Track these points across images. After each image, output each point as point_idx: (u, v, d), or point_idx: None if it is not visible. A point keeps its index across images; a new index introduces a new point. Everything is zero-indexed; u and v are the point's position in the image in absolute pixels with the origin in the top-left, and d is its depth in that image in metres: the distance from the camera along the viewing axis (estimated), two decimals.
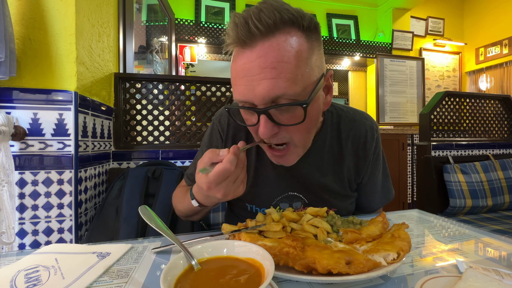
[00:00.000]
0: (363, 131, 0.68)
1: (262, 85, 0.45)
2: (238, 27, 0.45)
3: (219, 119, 0.71)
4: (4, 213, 0.79)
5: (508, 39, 3.80)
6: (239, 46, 0.47)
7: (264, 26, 0.44)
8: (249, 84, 0.46)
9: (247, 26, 0.45)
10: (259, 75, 0.45)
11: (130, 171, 1.04)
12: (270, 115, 0.48)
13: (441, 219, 0.66)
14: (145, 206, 0.50)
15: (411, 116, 3.41)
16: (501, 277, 0.35)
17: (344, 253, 0.38)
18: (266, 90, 0.45)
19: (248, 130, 0.69)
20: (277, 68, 0.45)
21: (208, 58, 3.38)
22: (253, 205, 0.69)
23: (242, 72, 0.47)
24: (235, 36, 0.46)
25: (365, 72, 4.02)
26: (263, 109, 0.47)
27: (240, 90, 0.48)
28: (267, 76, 0.45)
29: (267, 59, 0.45)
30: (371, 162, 0.70)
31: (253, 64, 0.46)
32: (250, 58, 0.46)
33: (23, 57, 0.88)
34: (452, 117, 1.85)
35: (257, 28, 0.44)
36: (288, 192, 0.67)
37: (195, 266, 0.34)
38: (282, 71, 0.45)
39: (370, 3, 3.87)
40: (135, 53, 1.63)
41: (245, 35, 0.45)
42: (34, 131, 0.89)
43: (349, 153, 0.68)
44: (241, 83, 0.48)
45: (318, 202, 0.67)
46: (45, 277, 0.38)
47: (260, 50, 0.45)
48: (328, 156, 0.67)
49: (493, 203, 1.60)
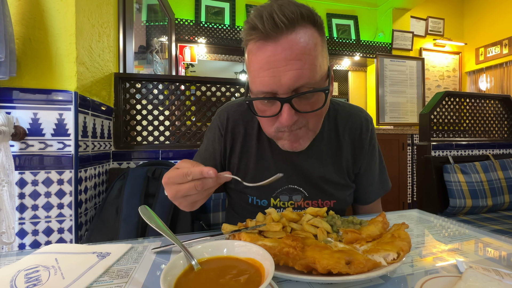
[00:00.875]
0: (358, 123, 0.72)
1: (289, 76, 0.48)
2: (264, 20, 0.48)
3: (219, 115, 0.74)
4: (4, 213, 0.79)
5: (508, 39, 3.80)
6: (263, 39, 0.50)
7: (288, 20, 0.47)
8: (275, 75, 0.49)
9: (272, 20, 0.47)
10: (285, 66, 0.48)
11: (130, 171, 1.04)
12: (292, 104, 0.51)
13: (441, 219, 0.66)
14: (145, 206, 0.50)
15: (411, 116, 3.41)
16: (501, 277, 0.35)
17: (344, 253, 0.38)
18: (293, 80, 0.49)
19: (246, 125, 0.71)
20: (301, 60, 0.48)
21: (208, 58, 3.38)
22: (254, 196, 0.70)
23: (267, 64, 0.49)
24: (261, 28, 0.48)
25: (365, 72, 4.02)
26: (287, 98, 0.50)
27: (265, 81, 0.50)
28: (293, 67, 0.48)
29: (292, 51, 0.48)
30: (367, 152, 0.73)
31: (279, 57, 0.48)
32: (275, 51, 0.49)
33: (23, 57, 0.88)
34: (452, 117, 1.85)
35: (282, 21, 0.47)
36: (288, 185, 0.69)
37: (195, 266, 0.34)
38: (306, 62, 0.49)
39: (370, 3, 3.87)
40: (135, 53, 1.63)
41: (271, 28, 0.47)
42: (34, 131, 0.89)
43: (347, 144, 0.71)
44: (266, 75, 0.50)
45: (318, 194, 0.69)
46: (45, 277, 0.38)
47: (284, 43, 0.48)
48: (326, 148, 0.70)
49: (493, 203, 1.60)
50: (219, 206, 1.14)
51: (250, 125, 0.71)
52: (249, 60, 0.54)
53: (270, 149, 0.70)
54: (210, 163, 0.72)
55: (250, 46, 0.52)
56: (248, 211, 0.73)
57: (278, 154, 0.69)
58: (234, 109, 0.73)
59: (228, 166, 0.73)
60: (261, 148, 0.70)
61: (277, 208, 0.69)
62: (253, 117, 0.71)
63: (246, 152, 0.71)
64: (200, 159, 0.75)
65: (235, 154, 0.71)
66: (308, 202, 0.69)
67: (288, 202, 0.69)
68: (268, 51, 0.49)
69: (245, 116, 0.72)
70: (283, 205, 0.69)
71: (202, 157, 0.75)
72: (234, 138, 0.71)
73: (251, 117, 0.72)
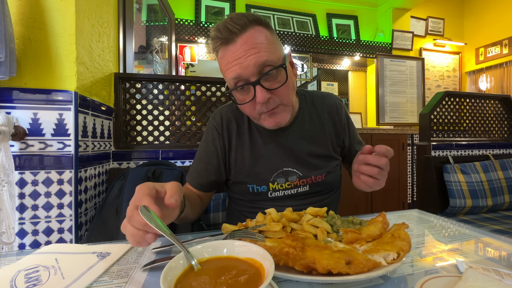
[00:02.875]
0: (333, 102, 0.85)
1: (249, 60, 0.61)
2: (221, 30, 0.61)
3: (213, 117, 0.83)
4: (4, 213, 0.79)
5: (508, 39, 3.80)
6: (225, 44, 0.63)
7: (239, 24, 0.61)
8: (240, 63, 0.61)
9: (227, 28, 0.61)
10: (245, 55, 0.61)
11: (130, 171, 1.04)
12: (262, 84, 0.62)
13: (441, 219, 0.66)
14: (144, 206, 0.49)
15: (411, 116, 3.41)
16: (501, 277, 0.35)
17: (344, 253, 0.38)
18: (254, 61, 0.61)
19: (237, 121, 0.81)
20: (256, 47, 0.61)
21: (208, 58, 3.38)
22: (253, 184, 0.77)
23: (233, 59, 0.62)
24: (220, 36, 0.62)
25: (365, 72, 4.02)
26: (256, 80, 0.62)
27: (234, 70, 0.62)
28: (251, 53, 0.61)
29: (248, 44, 0.61)
30: (346, 126, 0.85)
31: (239, 51, 0.61)
32: (236, 48, 0.61)
33: (23, 57, 0.88)
34: (452, 117, 1.85)
35: (234, 27, 0.61)
36: (283, 168, 0.77)
37: (195, 266, 0.34)
38: (261, 48, 0.61)
39: (370, 3, 3.87)
40: (135, 53, 1.63)
41: (228, 34, 0.61)
42: (34, 131, 0.89)
43: (327, 121, 0.82)
44: (233, 66, 0.62)
45: (310, 170, 0.77)
46: (45, 277, 0.38)
47: (241, 41, 0.61)
48: (310, 127, 0.80)
49: (493, 203, 1.60)
50: (219, 206, 1.14)
51: (241, 120, 0.81)
52: (220, 63, 0.66)
53: (261, 138, 0.78)
54: (214, 161, 0.79)
55: (218, 53, 0.66)
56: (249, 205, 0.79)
57: (269, 142, 0.78)
58: (225, 109, 0.83)
59: (228, 161, 0.80)
60: (253, 138, 0.79)
61: (276, 191, 0.77)
62: (242, 114, 0.81)
63: (240, 144, 0.79)
64: (203, 162, 0.80)
65: (232, 148, 0.79)
66: (303, 181, 0.77)
67: (285, 183, 0.77)
68: (230, 50, 0.62)
69: (236, 114, 0.81)
70: (281, 187, 0.77)
71: (204, 159, 0.80)
72: (230, 134, 0.80)
73: (241, 113, 0.81)
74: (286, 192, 0.77)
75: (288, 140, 0.78)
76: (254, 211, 0.73)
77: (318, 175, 0.78)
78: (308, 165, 0.78)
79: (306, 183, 0.77)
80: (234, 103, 0.72)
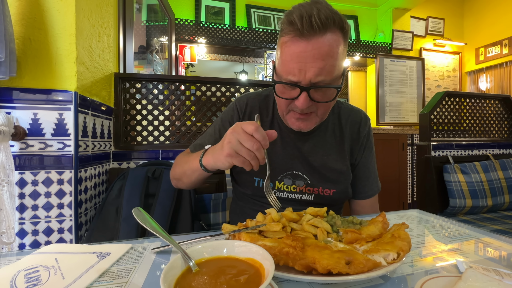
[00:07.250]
0: (358, 118, 0.82)
1: (312, 71, 0.59)
2: (303, 19, 0.56)
3: (238, 100, 0.83)
4: (4, 213, 0.79)
5: (508, 39, 3.80)
6: (298, 36, 0.58)
7: (322, 23, 0.56)
8: (301, 69, 0.59)
9: (310, 21, 0.56)
10: (311, 63, 0.58)
11: (130, 171, 1.04)
12: (309, 93, 0.61)
13: (441, 219, 0.66)
14: (138, 208, 0.49)
15: (411, 116, 3.41)
16: (501, 277, 0.35)
17: (344, 253, 0.38)
18: (314, 76, 0.59)
19: (261, 112, 0.80)
20: (325, 60, 0.58)
21: (208, 58, 3.39)
22: (260, 178, 0.76)
23: (297, 58, 0.59)
24: (299, 26, 0.57)
25: (365, 72, 4.02)
26: (307, 88, 0.61)
27: (293, 71, 0.60)
28: (317, 65, 0.58)
29: (320, 51, 0.58)
30: (363, 146, 0.82)
31: (308, 54, 0.58)
32: (306, 48, 0.58)
33: (23, 57, 0.88)
34: (452, 117, 1.85)
35: (317, 24, 0.56)
36: (292, 171, 0.76)
37: (193, 267, 0.34)
38: (328, 63, 0.59)
39: (370, 3, 3.87)
40: (135, 53, 1.63)
41: (307, 28, 0.56)
42: (34, 131, 0.89)
43: (348, 137, 0.80)
44: (295, 67, 0.60)
45: (320, 181, 0.75)
46: (45, 277, 0.38)
47: (315, 43, 0.57)
48: (330, 138, 0.79)
49: (493, 203, 1.60)
50: (219, 206, 1.14)
51: (265, 113, 0.80)
52: (281, 49, 0.62)
53: (281, 136, 0.77)
54: None
55: (285, 37, 0.61)
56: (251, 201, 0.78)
57: (287, 142, 0.77)
58: (253, 97, 0.82)
59: None
60: None
61: (281, 192, 0.76)
62: (268, 106, 0.81)
63: None
64: (212, 136, 0.80)
65: None
66: (309, 189, 0.75)
67: (291, 186, 0.76)
68: (300, 46, 0.58)
69: (262, 105, 0.81)
70: (286, 188, 0.76)
71: (215, 134, 0.81)
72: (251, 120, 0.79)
73: (266, 106, 0.81)
74: (290, 196, 0.75)
75: (305, 146, 0.77)
76: (256, 209, 0.73)
77: (326, 188, 0.75)
78: (319, 175, 0.76)
79: (312, 193, 0.75)
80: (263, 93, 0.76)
